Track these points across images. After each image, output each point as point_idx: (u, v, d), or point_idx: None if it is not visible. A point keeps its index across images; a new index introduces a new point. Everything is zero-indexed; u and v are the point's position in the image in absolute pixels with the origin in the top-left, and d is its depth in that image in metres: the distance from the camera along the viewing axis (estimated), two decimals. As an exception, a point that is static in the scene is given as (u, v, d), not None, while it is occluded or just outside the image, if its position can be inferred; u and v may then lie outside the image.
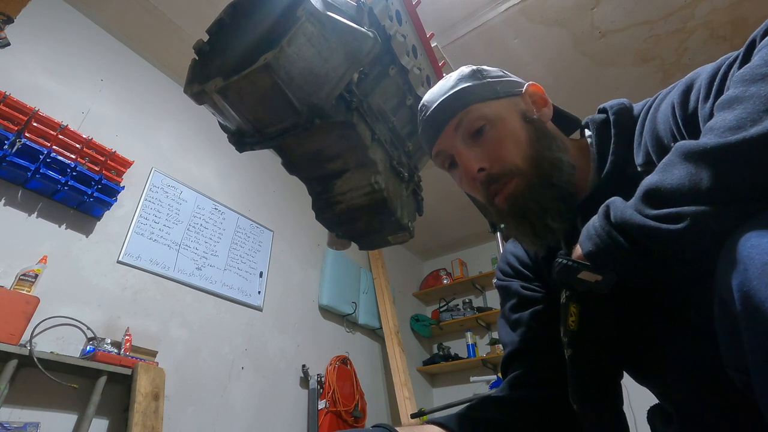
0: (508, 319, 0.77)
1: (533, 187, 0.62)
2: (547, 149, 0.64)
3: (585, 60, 2.67)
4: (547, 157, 0.63)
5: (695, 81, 0.50)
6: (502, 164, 0.64)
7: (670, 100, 0.53)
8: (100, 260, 2.05)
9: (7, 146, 1.75)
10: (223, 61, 0.57)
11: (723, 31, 2.47)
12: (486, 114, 0.65)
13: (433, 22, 2.41)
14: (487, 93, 0.67)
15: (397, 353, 3.37)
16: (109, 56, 2.45)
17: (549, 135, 0.66)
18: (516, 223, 0.64)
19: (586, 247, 0.49)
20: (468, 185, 0.69)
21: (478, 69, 0.70)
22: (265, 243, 2.95)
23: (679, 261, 0.43)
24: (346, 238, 0.70)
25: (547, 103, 0.70)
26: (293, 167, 0.66)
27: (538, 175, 0.62)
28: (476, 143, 0.66)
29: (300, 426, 2.67)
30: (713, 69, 0.48)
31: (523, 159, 0.63)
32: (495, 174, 0.64)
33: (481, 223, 1.17)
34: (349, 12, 0.56)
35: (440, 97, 0.68)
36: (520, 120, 0.66)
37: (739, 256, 0.36)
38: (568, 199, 0.62)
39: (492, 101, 0.67)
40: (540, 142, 0.64)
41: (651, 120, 0.56)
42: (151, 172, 2.42)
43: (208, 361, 2.34)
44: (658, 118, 0.54)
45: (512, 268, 0.79)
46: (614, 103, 0.64)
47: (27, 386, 1.65)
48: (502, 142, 0.64)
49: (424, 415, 2.51)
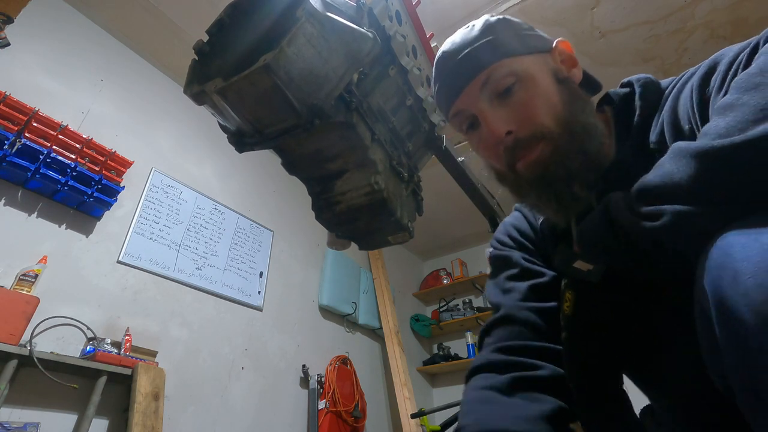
0: (503, 287, 0.72)
1: (562, 153, 0.57)
2: (580, 112, 0.59)
3: (585, 60, 2.67)
4: (581, 121, 0.58)
5: (718, 65, 0.50)
6: (532, 127, 0.57)
7: (692, 83, 0.52)
8: (100, 260, 2.06)
9: (7, 146, 1.75)
10: (223, 61, 0.57)
11: (723, 31, 2.47)
12: (516, 70, 0.59)
13: (433, 22, 2.41)
14: (518, 46, 0.61)
15: (397, 353, 3.37)
16: (109, 56, 2.45)
17: (582, 97, 0.61)
18: (539, 192, 0.59)
19: (579, 238, 0.50)
20: (488, 150, 0.63)
21: (506, 18, 0.63)
22: (265, 243, 2.96)
23: (663, 259, 0.44)
24: (346, 238, 0.70)
25: (576, 64, 0.65)
26: (293, 167, 0.66)
27: (569, 139, 0.57)
28: (503, 103, 0.59)
29: (300, 426, 2.67)
30: (732, 57, 0.48)
31: (556, 121, 0.57)
32: (523, 138, 0.58)
33: (481, 223, 1.17)
34: (349, 12, 0.56)
35: (465, 48, 0.61)
36: (551, 79, 0.60)
37: (713, 262, 0.37)
38: (598, 168, 0.57)
39: (522, 57, 0.60)
40: (573, 104, 0.59)
41: (674, 98, 0.54)
42: (151, 172, 2.42)
43: (208, 361, 2.34)
44: (680, 100, 0.53)
45: (513, 240, 0.75)
46: (641, 77, 0.61)
47: (27, 386, 1.65)
48: (533, 102, 0.58)
49: (424, 415, 2.51)
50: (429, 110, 0.74)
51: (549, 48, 0.64)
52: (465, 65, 0.60)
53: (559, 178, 0.57)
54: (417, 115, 0.72)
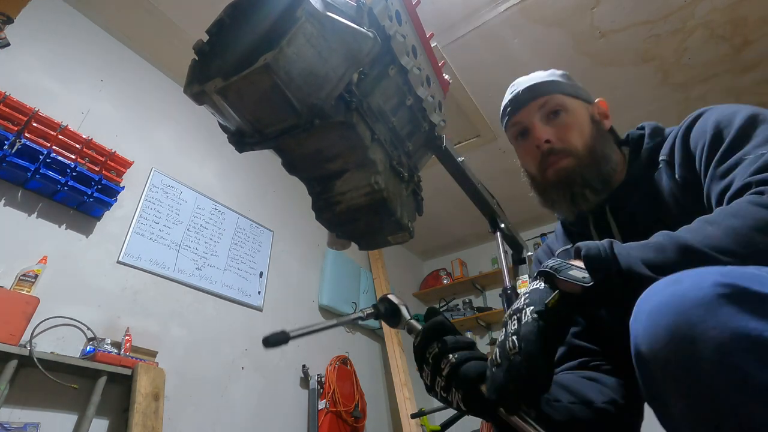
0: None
1: (583, 167, 0.79)
2: (601, 145, 0.81)
3: (585, 60, 2.67)
4: (600, 151, 0.80)
5: (724, 131, 0.65)
6: (565, 143, 0.80)
7: (703, 128, 0.69)
8: (100, 260, 2.06)
9: (7, 146, 1.75)
10: (223, 61, 0.57)
11: (723, 30, 2.47)
12: (565, 104, 0.83)
13: (433, 22, 2.41)
14: (570, 90, 0.85)
15: (397, 353, 3.37)
16: (109, 56, 2.45)
17: (606, 136, 0.84)
18: (558, 191, 0.81)
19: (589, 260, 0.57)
20: (529, 155, 0.85)
21: (567, 74, 0.89)
22: (265, 243, 2.96)
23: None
24: (346, 238, 0.70)
25: (608, 117, 0.88)
26: (293, 167, 0.66)
27: (590, 159, 0.79)
28: (550, 122, 0.82)
29: (300, 426, 2.67)
30: (735, 131, 0.64)
31: (583, 146, 0.80)
32: (556, 149, 0.80)
33: (481, 223, 1.16)
34: (349, 12, 0.56)
35: (534, 81, 0.85)
36: (588, 118, 0.84)
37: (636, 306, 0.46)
38: (606, 184, 0.80)
39: (572, 98, 0.84)
40: (598, 138, 0.82)
41: (684, 133, 0.73)
42: (151, 172, 2.42)
43: (208, 361, 2.34)
44: (692, 135, 0.70)
45: (550, 252, 0.97)
46: (651, 123, 0.83)
47: (27, 386, 1.65)
48: (571, 127, 0.81)
49: (424, 415, 2.51)
50: (429, 110, 0.74)
51: (592, 101, 0.89)
52: (532, 91, 0.84)
53: (576, 183, 0.79)
54: (417, 115, 0.72)
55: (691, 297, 0.40)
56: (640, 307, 0.44)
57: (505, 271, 1.17)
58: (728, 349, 0.36)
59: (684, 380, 0.38)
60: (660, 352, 0.40)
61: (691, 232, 0.53)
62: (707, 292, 0.39)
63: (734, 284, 0.39)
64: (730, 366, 0.36)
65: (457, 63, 2.68)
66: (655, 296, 0.43)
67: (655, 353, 0.40)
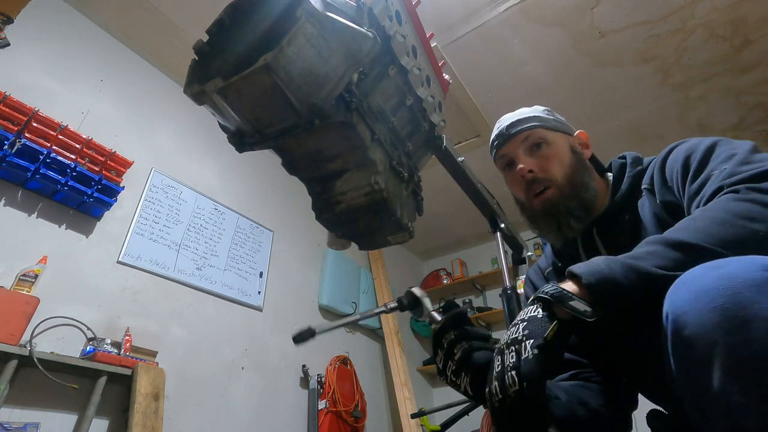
0: None
1: (565, 197, 0.85)
2: (581, 174, 0.87)
3: (585, 60, 2.67)
4: (580, 179, 0.86)
5: (692, 155, 0.73)
6: (546, 173, 0.87)
7: (676, 157, 0.76)
8: (100, 260, 2.05)
9: (7, 146, 1.75)
10: (223, 61, 0.57)
11: (723, 30, 2.47)
12: (547, 137, 0.90)
13: (433, 22, 2.41)
14: (552, 125, 0.92)
15: (397, 353, 3.37)
16: (109, 56, 2.45)
17: (585, 165, 0.90)
18: (546, 220, 0.87)
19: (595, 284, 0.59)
20: (516, 184, 0.92)
21: (549, 109, 0.97)
22: (265, 243, 2.95)
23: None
24: (346, 238, 0.70)
25: (589, 147, 0.95)
26: (293, 167, 0.66)
27: (570, 189, 0.85)
28: (532, 154, 0.89)
29: (300, 426, 2.67)
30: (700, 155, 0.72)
31: (563, 175, 0.86)
32: (539, 178, 0.87)
33: (481, 223, 1.16)
34: (349, 12, 0.56)
35: (517, 117, 0.93)
36: (568, 150, 0.90)
37: (673, 288, 0.47)
38: (588, 211, 0.85)
39: (553, 131, 0.91)
40: (577, 168, 0.88)
41: (661, 162, 0.80)
42: (151, 172, 2.42)
43: (208, 361, 2.34)
44: (668, 164, 0.77)
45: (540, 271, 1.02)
46: (631, 153, 0.90)
47: (27, 386, 1.65)
48: (551, 158, 0.88)
49: (424, 415, 2.51)
50: (429, 110, 0.74)
51: (572, 133, 0.95)
52: (516, 126, 0.92)
53: (561, 213, 0.85)
54: (417, 115, 0.72)
55: (741, 279, 0.40)
56: (678, 292, 0.45)
57: (505, 271, 1.17)
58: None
59: (735, 360, 0.38)
60: (709, 333, 0.40)
61: (680, 231, 0.56)
62: (758, 275, 0.40)
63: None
64: None
65: (457, 63, 2.68)
66: (698, 279, 0.44)
67: (703, 335, 0.40)
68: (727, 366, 0.39)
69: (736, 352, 0.39)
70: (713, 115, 3.04)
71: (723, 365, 0.39)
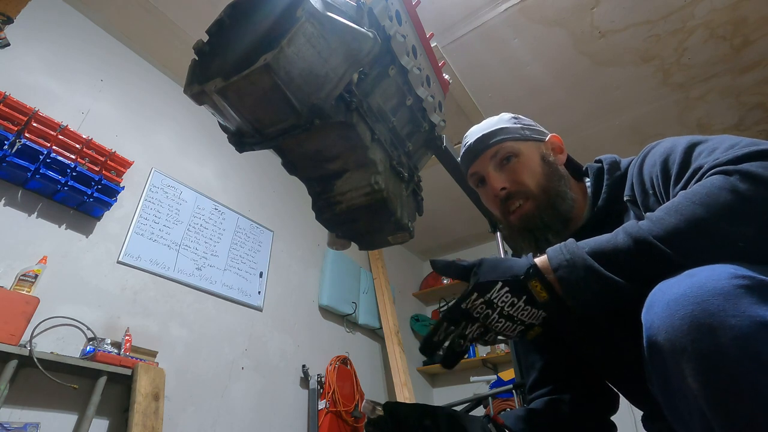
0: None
1: (541, 209, 0.81)
2: (555, 183, 0.83)
3: (585, 60, 2.67)
4: (555, 189, 0.82)
5: (670, 156, 0.68)
6: (519, 186, 0.83)
7: (653, 161, 0.71)
8: (100, 260, 2.05)
9: (7, 146, 1.75)
10: (223, 61, 0.57)
11: (723, 30, 2.47)
12: (515, 149, 0.86)
13: (433, 22, 2.41)
14: (520, 134, 0.88)
15: (397, 353, 3.37)
16: (109, 56, 2.45)
17: (559, 173, 0.85)
18: (523, 236, 0.83)
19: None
20: (490, 200, 0.89)
21: (516, 116, 0.92)
22: (265, 243, 2.95)
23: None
24: (346, 238, 0.70)
25: (563, 151, 0.90)
26: (293, 167, 0.66)
27: (545, 200, 0.81)
28: (503, 169, 0.86)
29: (300, 426, 2.67)
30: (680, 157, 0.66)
31: (536, 186, 0.83)
32: (512, 192, 0.84)
33: (481, 223, 1.17)
34: (349, 12, 0.56)
35: (483, 131, 0.89)
36: (539, 159, 0.86)
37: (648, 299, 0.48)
38: (566, 223, 0.82)
39: (521, 141, 0.87)
40: (551, 177, 0.84)
41: (638, 168, 0.75)
42: (151, 172, 2.42)
43: (208, 361, 2.34)
44: (644, 170, 0.73)
45: None
46: (608, 157, 0.85)
47: (27, 386, 1.65)
48: (522, 171, 0.84)
49: (424, 415, 2.51)
50: (429, 110, 0.74)
51: (543, 139, 0.90)
52: (483, 142, 0.88)
53: (537, 227, 0.82)
54: (417, 115, 0.72)
55: (710, 288, 0.41)
56: (654, 299, 0.46)
57: (505, 271, 1.17)
58: (748, 338, 0.38)
59: (703, 367, 0.40)
60: (678, 341, 0.41)
61: (652, 222, 0.56)
62: (725, 284, 0.41)
63: (752, 276, 0.41)
64: (751, 354, 0.37)
65: (457, 63, 2.68)
66: (671, 288, 0.45)
67: (673, 342, 0.41)
68: (695, 372, 0.40)
69: (704, 359, 0.39)
70: (713, 115, 3.05)
71: (692, 371, 0.40)
